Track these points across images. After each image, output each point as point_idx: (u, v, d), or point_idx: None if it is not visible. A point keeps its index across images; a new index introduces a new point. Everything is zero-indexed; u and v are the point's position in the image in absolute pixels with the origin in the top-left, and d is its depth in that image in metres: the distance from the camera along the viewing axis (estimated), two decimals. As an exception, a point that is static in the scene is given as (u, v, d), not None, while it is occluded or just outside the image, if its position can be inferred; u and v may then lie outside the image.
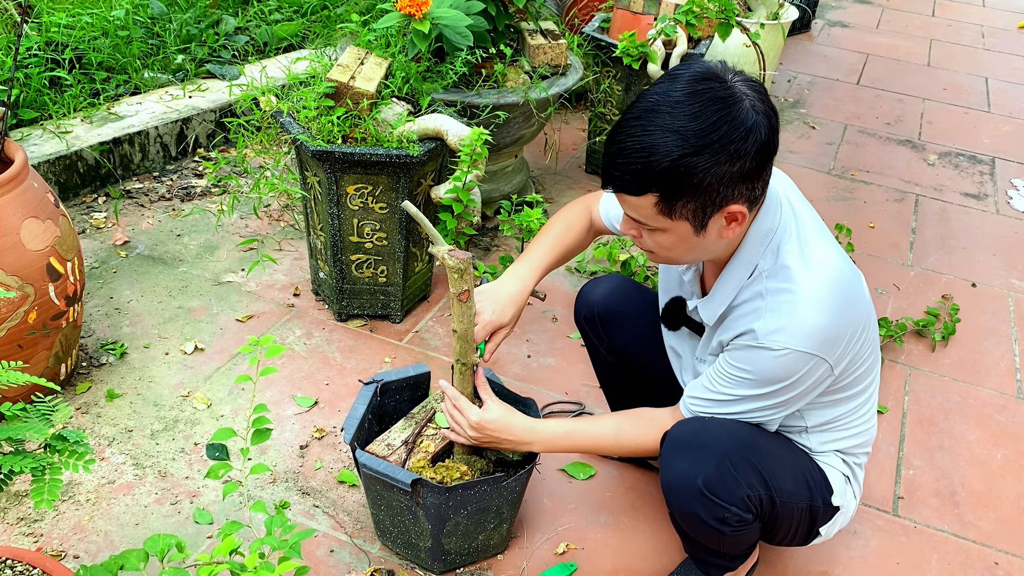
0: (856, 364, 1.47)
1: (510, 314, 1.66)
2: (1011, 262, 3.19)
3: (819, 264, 1.39)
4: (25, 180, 1.91)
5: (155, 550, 1.27)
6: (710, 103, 1.25)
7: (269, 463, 1.99)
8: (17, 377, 1.19)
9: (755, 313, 1.40)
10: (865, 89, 4.82)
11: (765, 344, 1.37)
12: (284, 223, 2.92)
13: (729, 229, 1.35)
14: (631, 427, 1.61)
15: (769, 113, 1.29)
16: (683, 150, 1.24)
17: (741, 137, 1.25)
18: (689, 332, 1.63)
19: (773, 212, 1.41)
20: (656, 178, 1.27)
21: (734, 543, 1.56)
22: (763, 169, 1.30)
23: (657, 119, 1.26)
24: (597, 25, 3.39)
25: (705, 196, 1.28)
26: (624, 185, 1.31)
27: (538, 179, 3.38)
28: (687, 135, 1.24)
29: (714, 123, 1.24)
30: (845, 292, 1.40)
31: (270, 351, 1.29)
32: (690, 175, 1.25)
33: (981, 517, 2.06)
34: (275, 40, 3.76)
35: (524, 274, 1.70)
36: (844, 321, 1.39)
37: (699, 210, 1.30)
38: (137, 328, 2.37)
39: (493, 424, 1.61)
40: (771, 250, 1.40)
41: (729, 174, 1.26)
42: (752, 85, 1.29)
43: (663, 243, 1.38)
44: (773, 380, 1.41)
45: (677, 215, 1.31)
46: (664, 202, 1.29)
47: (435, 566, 1.76)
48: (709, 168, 1.25)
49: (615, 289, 1.83)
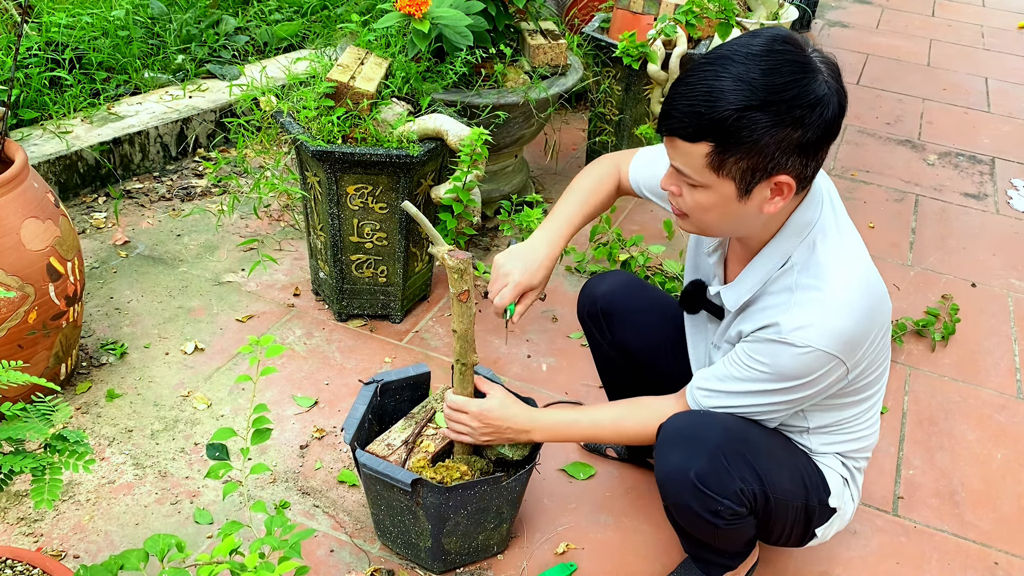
0: (870, 370, 1.47)
1: (540, 276, 1.61)
2: (1011, 262, 3.19)
3: (854, 267, 1.38)
4: (25, 180, 1.91)
5: (155, 550, 1.27)
6: (786, 64, 1.23)
7: (269, 463, 1.99)
8: (17, 377, 1.19)
9: (782, 306, 1.38)
10: (865, 89, 4.82)
11: (788, 339, 1.35)
12: (284, 223, 2.93)
13: (772, 203, 1.31)
14: (632, 416, 1.60)
15: (841, 92, 1.27)
16: (749, 101, 1.22)
17: (809, 105, 1.23)
18: (708, 316, 1.61)
19: (815, 205, 1.39)
20: (716, 125, 1.24)
21: (729, 538, 1.56)
22: (821, 147, 1.28)
23: (731, 67, 1.23)
24: (597, 25, 3.39)
25: (759, 157, 1.25)
26: (682, 128, 1.27)
27: (538, 179, 3.38)
28: (757, 87, 1.21)
29: (786, 83, 1.22)
30: (875, 299, 1.39)
31: (270, 351, 1.29)
32: (750, 129, 1.23)
33: (981, 517, 2.06)
34: (275, 40, 3.76)
35: (554, 235, 1.65)
36: (869, 326, 1.38)
37: (748, 171, 1.27)
38: (137, 328, 2.38)
39: (494, 412, 1.60)
40: (807, 244, 1.38)
41: (788, 139, 1.24)
42: (828, 63, 1.28)
43: (702, 202, 1.34)
44: (789, 377, 1.39)
45: (726, 172, 1.28)
46: (717, 154, 1.26)
47: (435, 566, 1.76)
48: (770, 127, 1.22)
49: (619, 285, 1.82)
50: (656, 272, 2.64)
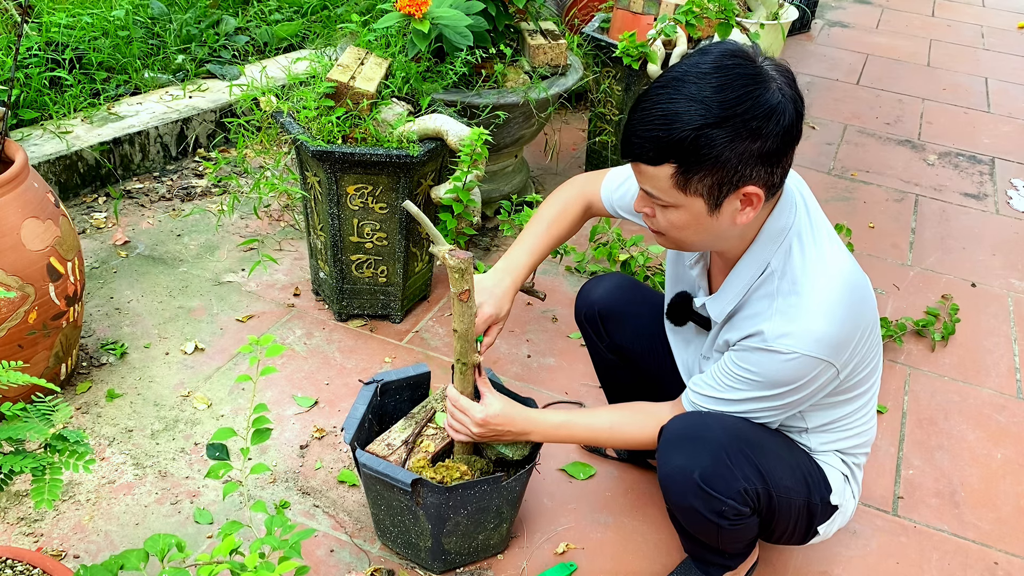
0: (861, 367, 1.47)
1: (506, 308, 1.67)
2: (1011, 262, 3.19)
3: (832, 267, 1.38)
4: (25, 180, 1.91)
5: (155, 550, 1.27)
6: (737, 78, 1.25)
7: (269, 463, 1.99)
8: (17, 377, 1.19)
9: (765, 314, 1.39)
10: (865, 89, 4.83)
11: (774, 347, 1.37)
12: (284, 223, 2.93)
13: (743, 214, 1.33)
14: (628, 420, 1.60)
15: (796, 98, 1.28)
16: (705, 120, 1.24)
17: (764, 115, 1.24)
18: (696, 328, 1.62)
19: (789, 210, 1.40)
20: (675, 147, 1.26)
21: (732, 538, 1.56)
22: (784, 154, 1.29)
23: (683, 88, 1.26)
24: (597, 25, 3.39)
25: (722, 172, 1.27)
26: (644, 153, 1.30)
27: (538, 179, 3.38)
28: (711, 105, 1.24)
29: (738, 97, 1.24)
30: (856, 298, 1.40)
31: (270, 351, 1.29)
32: (709, 147, 1.24)
33: (981, 517, 2.06)
34: (275, 40, 3.76)
35: (516, 267, 1.69)
36: (853, 327, 1.39)
37: (715, 187, 1.29)
38: (137, 328, 2.38)
39: (497, 419, 1.61)
40: (784, 249, 1.39)
41: (749, 151, 1.26)
42: (781, 70, 1.29)
43: (675, 222, 1.36)
44: (779, 383, 1.41)
45: (692, 190, 1.30)
46: (681, 174, 1.28)
47: (435, 566, 1.76)
48: (728, 142, 1.24)
49: (616, 288, 1.83)
50: (656, 272, 2.64)
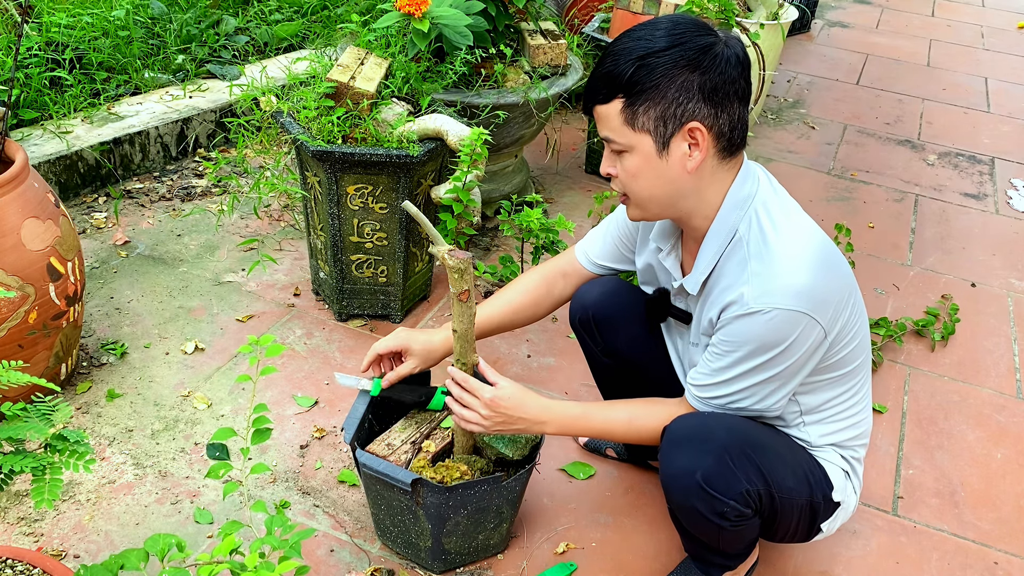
0: (846, 334, 1.47)
1: (433, 361, 1.77)
2: (1011, 262, 3.19)
3: (800, 228, 1.43)
4: (26, 180, 1.91)
5: (155, 550, 1.27)
6: (688, 23, 1.37)
7: (269, 463, 1.99)
8: (17, 377, 1.19)
9: (740, 279, 1.41)
10: (865, 89, 4.83)
11: (753, 308, 1.38)
12: (284, 223, 2.93)
13: (692, 159, 1.38)
14: (645, 413, 1.60)
15: (740, 56, 1.37)
16: (648, 50, 1.34)
17: (704, 50, 1.34)
18: (675, 322, 1.64)
19: (752, 180, 1.45)
20: (620, 77, 1.36)
21: (733, 539, 1.56)
22: (727, 97, 1.36)
23: (634, 33, 1.38)
24: (597, 25, 3.39)
25: (664, 103, 1.34)
26: (596, 94, 1.40)
27: (538, 179, 3.39)
28: (656, 39, 1.35)
29: (683, 33, 1.35)
30: (827, 254, 1.43)
31: (270, 351, 1.29)
32: (650, 74, 1.34)
33: (980, 517, 2.06)
34: (275, 40, 3.76)
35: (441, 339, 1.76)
36: (828, 281, 1.41)
37: (660, 120, 1.36)
38: (137, 328, 2.38)
39: (508, 401, 1.57)
40: (750, 216, 1.43)
41: (688, 82, 1.33)
42: (732, 37, 1.39)
43: (630, 168, 1.41)
44: (768, 346, 1.40)
45: (640, 125, 1.37)
46: (628, 107, 1.36)
47: (435, 566, 1.76)
48: (668, 68, 1.33)
49: (609, 292, 1.82)
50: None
